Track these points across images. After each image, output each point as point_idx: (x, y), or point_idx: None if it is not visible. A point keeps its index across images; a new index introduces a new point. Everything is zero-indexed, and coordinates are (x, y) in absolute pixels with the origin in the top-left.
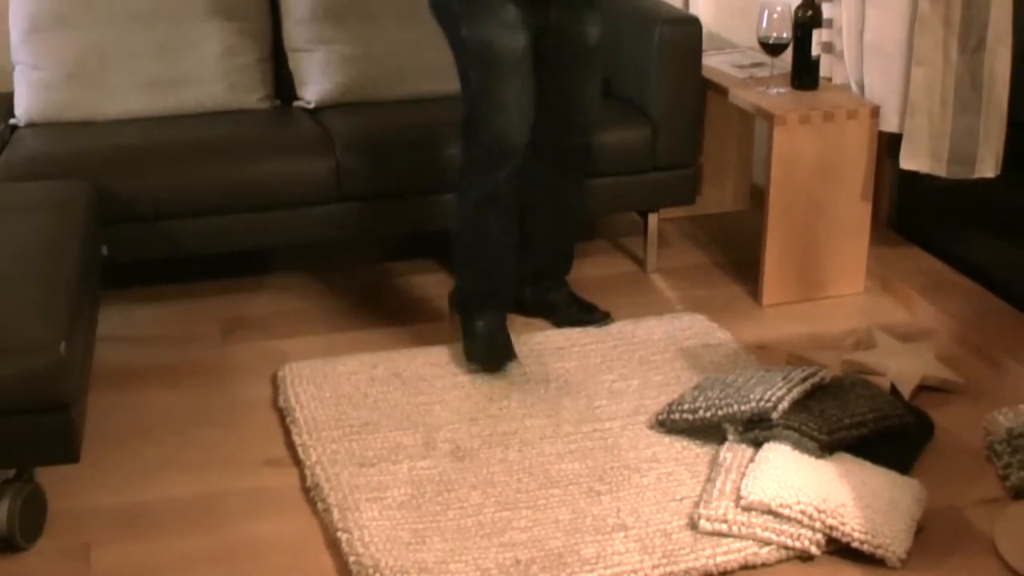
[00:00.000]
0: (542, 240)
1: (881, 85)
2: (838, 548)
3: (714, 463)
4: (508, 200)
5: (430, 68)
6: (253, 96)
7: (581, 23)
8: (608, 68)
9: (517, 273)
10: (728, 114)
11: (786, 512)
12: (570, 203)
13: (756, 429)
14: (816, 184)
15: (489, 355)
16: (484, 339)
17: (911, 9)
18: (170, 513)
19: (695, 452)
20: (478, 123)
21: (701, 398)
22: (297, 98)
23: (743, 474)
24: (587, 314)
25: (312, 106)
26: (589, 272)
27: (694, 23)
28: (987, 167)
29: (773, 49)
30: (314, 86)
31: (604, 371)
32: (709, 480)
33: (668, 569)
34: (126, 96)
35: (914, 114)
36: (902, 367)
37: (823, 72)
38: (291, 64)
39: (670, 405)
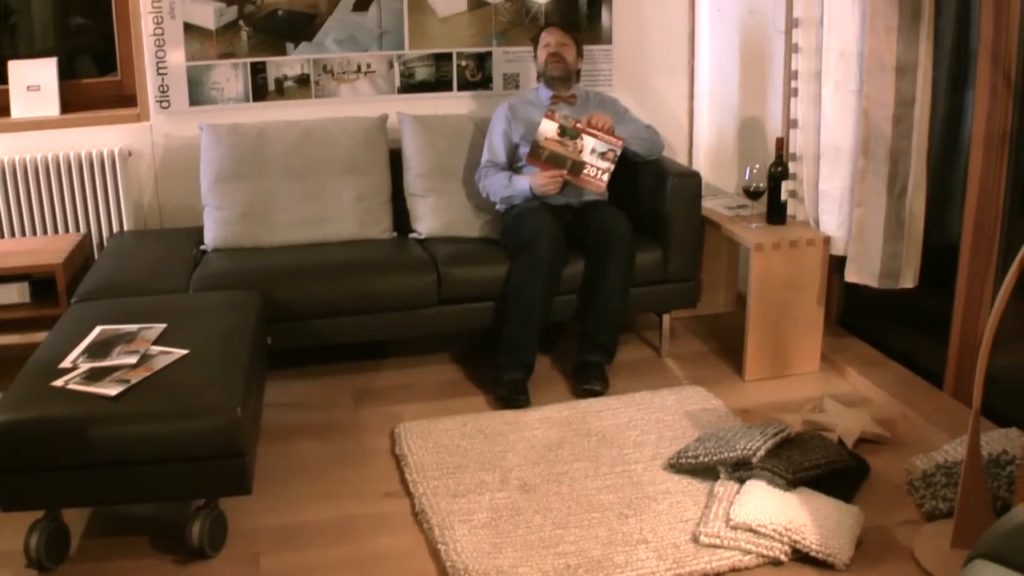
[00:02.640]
0: (583, 316)
1: (831, 221)
2: (800, 556)
3: (710, 495)
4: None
5: None
6: (376, 229)
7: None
8: (632, 210)
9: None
10: (720, 241)
11: (763, 530)
12: (605, 292)
13: (741, 470)
14: (784, 293)
15: (507, 400)
16: (504, 390)
17: (852, 166)
18: (317, 531)
19: (697, 487)
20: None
21: (701, 448)
22: (412, 231)
23: (732, 502)
24: (593, 376)
25: (423, 237)
26: (619, 357)
27: (695, 176)
28: (908, 280)
29: (753, 195)
30: (425, 222)
31: (631, 428)
32: (707, 507)
33: (677, 572)
34: (285, 230)
35: (855, 242)
36: (846, 425)
37: (789, 212)
38: (408, 204)
39: (679, 452)
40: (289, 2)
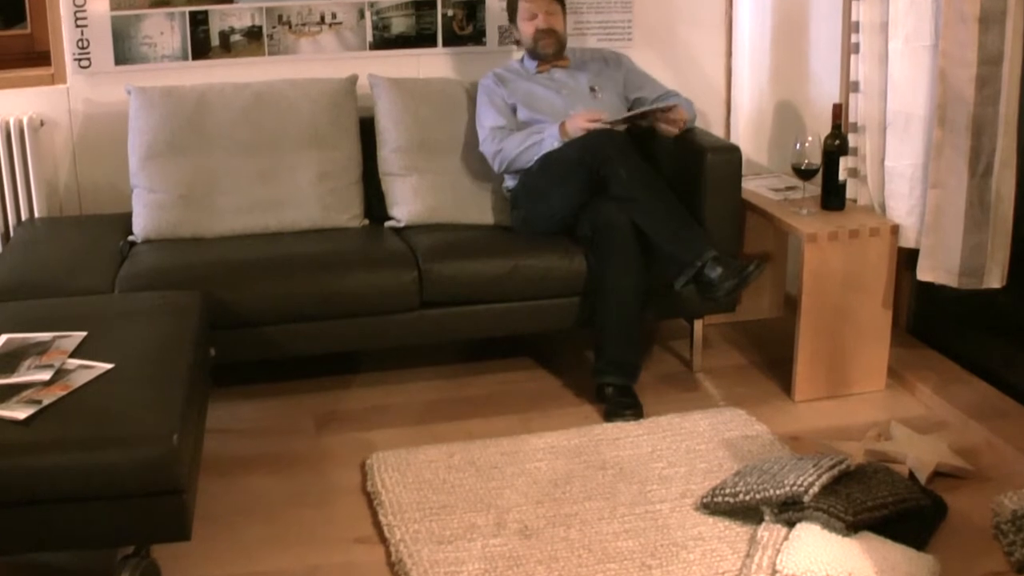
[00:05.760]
0: (592, 327)
1: (900, 206)
2: None
3: (752, 541)
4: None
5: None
6: (344, 216)
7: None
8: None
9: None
10: (765, 231)
11: None
12: (611, 295)
13: (790, 510)
14: (843, 293)
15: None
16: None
17: (926, 139)
18: None
19: (736, 531)
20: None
21: (741, 483)
22: (388, 217)
23: (778, 550)
24: (627, 401)
25: (402, 225)
26: (642, 371)
27: (735, 151)
28: (994, 278)
29: (805, 174)
30: (405, 207)
31: (655, 459)
32: (748, 556)
33: None
34: (231, 216)
35: (929, 232)
36: (919, 455)
37: (849, 195)
38: (384, 186)
39: (713, 489)
40: None
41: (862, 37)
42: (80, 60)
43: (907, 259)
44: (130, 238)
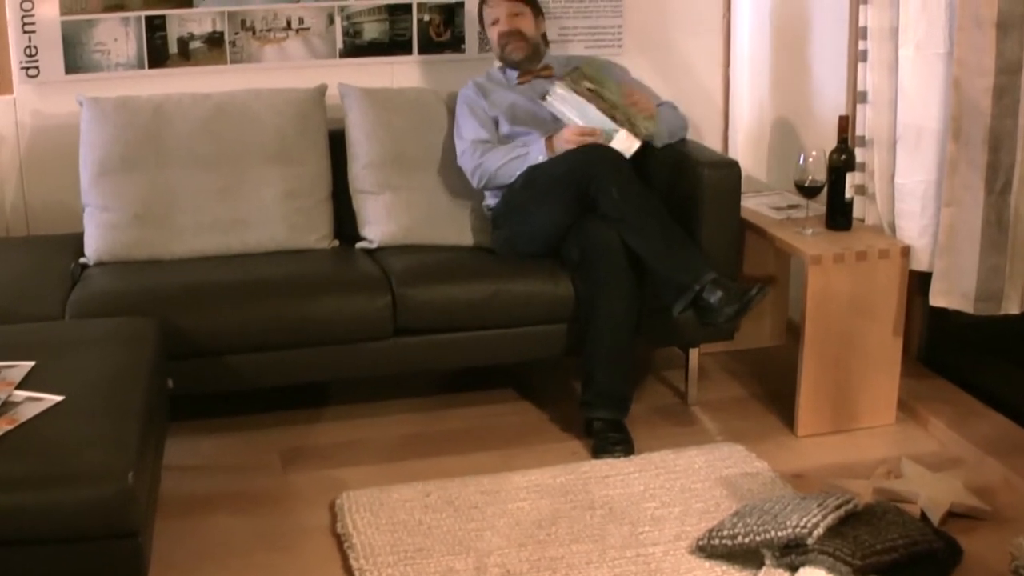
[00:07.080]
0: (580, 355)
1: (911, 226)
2: None
3: None
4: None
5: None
6: (312, 236)
7: None
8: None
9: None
10: (765, 253)
11: None
12: (602, 322)
13: (792, 554)
14: (849, 320)
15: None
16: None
17: (939, 154)
18: None
19: None
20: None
21: (740, 524)
22: (360, 238)
23: None
24: (617, 436)
25: (374, 246)
26: (633, 404)
27: (733, 166)
28: (1012, 304)
29: (808, 192)
30: (378, 227)
31: (647, 499)
32: None
33: None
34: (190, 237)
35: (943, 254)
36: (931, 495)
37: (856, 214)
38: (355, 204)
39: (710, 531)
40: None
41: (870, 44)
42: (28, 68)
43: (919, 283)
44: (81, 260)
